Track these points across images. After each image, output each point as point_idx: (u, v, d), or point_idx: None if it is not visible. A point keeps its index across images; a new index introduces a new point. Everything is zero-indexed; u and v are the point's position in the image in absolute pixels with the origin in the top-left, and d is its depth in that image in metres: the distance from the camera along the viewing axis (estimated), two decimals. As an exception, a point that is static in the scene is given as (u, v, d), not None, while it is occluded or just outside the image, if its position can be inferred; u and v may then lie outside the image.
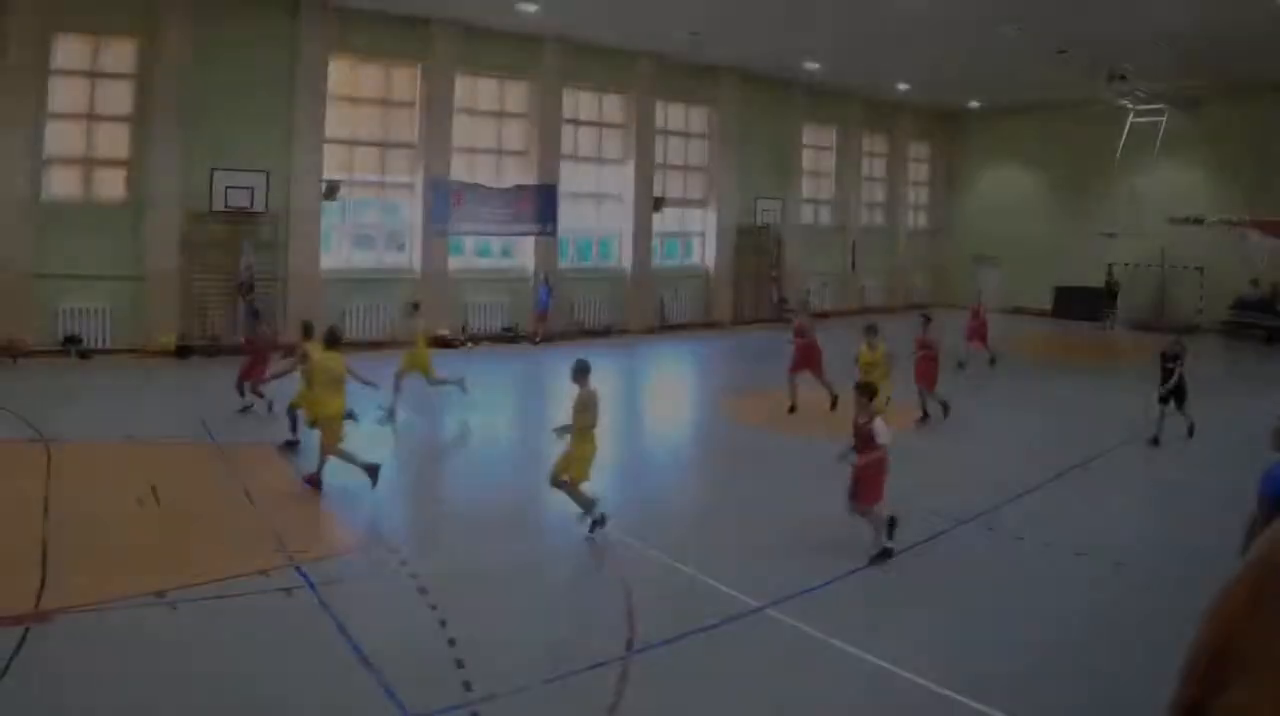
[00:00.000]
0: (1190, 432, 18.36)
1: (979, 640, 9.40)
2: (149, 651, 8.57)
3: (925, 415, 19.67)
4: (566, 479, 12.17)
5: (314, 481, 13.63)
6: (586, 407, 12.13)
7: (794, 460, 16.39)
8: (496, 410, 21.38)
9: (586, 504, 12.25)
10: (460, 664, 8.50)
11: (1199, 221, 36.90)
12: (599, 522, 12.18)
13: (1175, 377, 17.87)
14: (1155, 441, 17.93)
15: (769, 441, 17.98)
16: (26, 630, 8.63)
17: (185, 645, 8.74)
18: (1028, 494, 14.63)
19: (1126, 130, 37.68)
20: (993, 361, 27.38)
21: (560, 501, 12.61)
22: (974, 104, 44.90)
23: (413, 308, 21.19)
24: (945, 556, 11.91)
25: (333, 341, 14.45)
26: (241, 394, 18.42)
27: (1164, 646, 3.99)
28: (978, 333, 27.61)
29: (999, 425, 20.42)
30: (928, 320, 20.28)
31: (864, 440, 11.54)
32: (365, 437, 15.99)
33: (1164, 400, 18.06)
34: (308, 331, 16.60)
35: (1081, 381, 26.70)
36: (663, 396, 25.07)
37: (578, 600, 10.74)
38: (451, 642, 8.91)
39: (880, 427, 11.45)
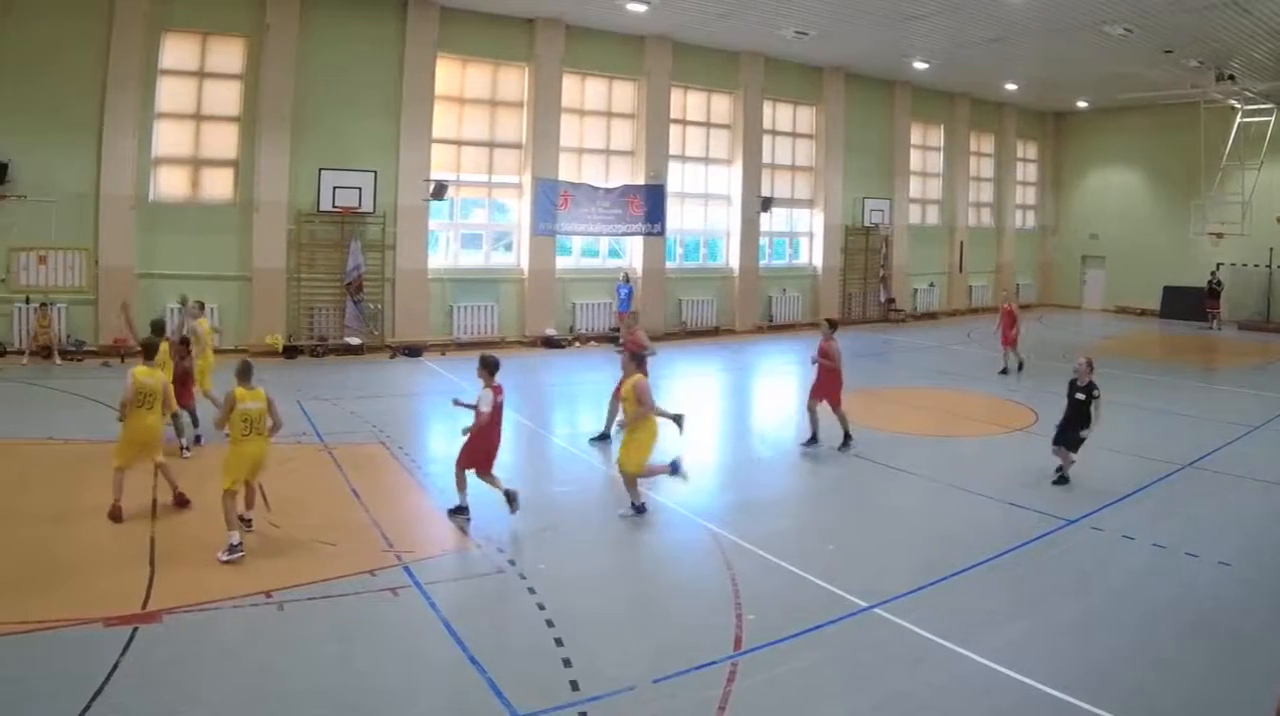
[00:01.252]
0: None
1: (1089, 641, 8.76)
2: (256, 651, 8.10)
3: (813, 438, 15.92)
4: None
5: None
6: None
7: (900, 459, 15.47)
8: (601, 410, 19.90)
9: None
10: (568, 663, 8.01)
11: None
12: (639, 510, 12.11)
13: (1090, 412, 13.80)
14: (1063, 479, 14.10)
15: (874, 440, 16.56)
16: (135, 630, 8.20)
17: (292, 645, 8.27)
18: (1135, 494, 13.63)
19: (1234, 130, 34.74)
20: (1020, 366, 24.27)
21: (667, 499, 12.58)
22: (1081, 104, 41.78)
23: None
24: (1054, 557, 11.13)
25: None
26: None
27: (1272, 648, 4.52)
28: (1009, 333, 24.38)
29: (1104, 425, 18.09)
30: (833, 326, 16.41)
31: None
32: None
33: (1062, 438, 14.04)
34: None
35: (1186, 381, 24.94)
36: (767, 396, 23.33)
37: (686, 599, 9.83)
38: (559, 642, 8.40)
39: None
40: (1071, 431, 13.82)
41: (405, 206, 25.44)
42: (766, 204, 32.93)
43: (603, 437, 16.15)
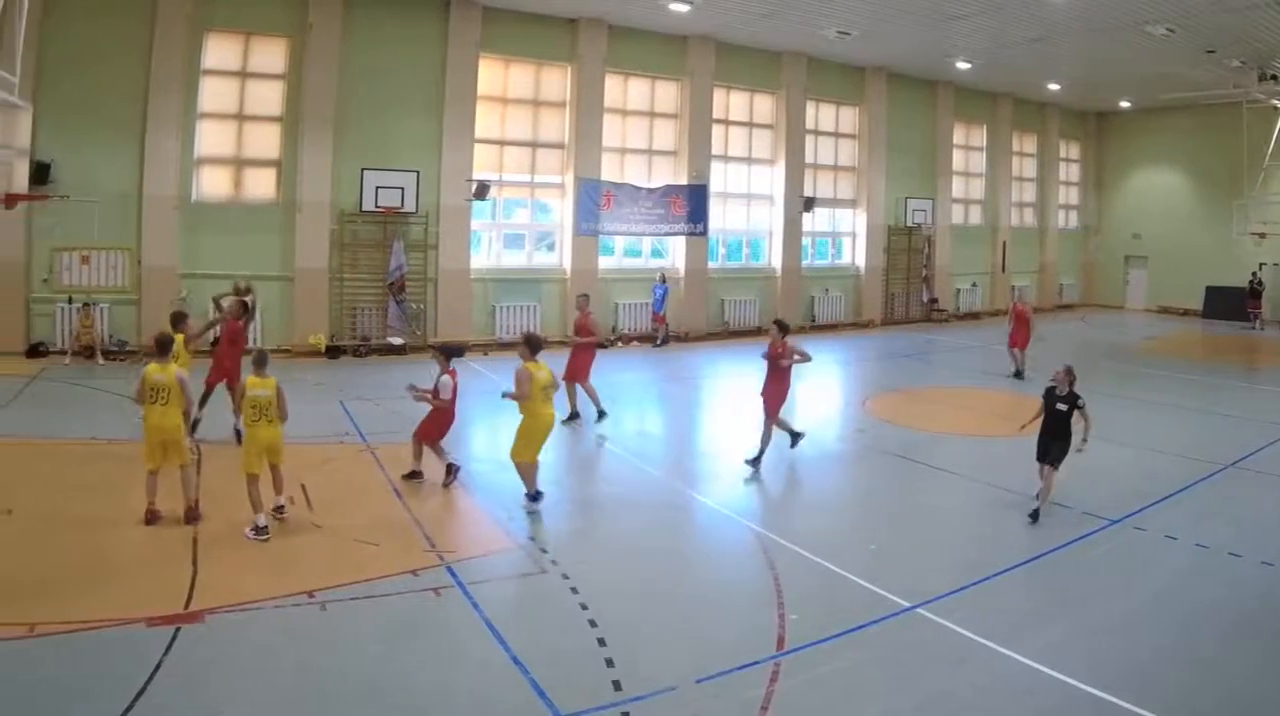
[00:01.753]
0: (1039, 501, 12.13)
1: (1132, 641, 8.52)
2: (298, 651, 7.87)
3: (759, 455, 14.08)
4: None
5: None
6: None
7: (942, 459, 14.99)
8: (647, 410, 19.46)
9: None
10: (610, 663, 7.81)
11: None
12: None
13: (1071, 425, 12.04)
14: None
15: (916, 440, 16.29)
16: (177, 630, 7.99)
17: (334, 645, 8.02)
18: (1178, 494, 13.21)
19: (1277, 130, 33.25)
20: (1018, 374, 22.38)
21: (709, 499, 12.44)
22: (1124, 104, 40.07)
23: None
24: (1097, 556, 10.80)
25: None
26: None
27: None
28: (1018, 335, 22.59)
29: (1146, 425, 18.05)
30: (783, 329, 14.47)
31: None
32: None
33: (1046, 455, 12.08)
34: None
35: (1229, 381, 24.02)
36: (809, 395, 21.67)
37: (728, 599, 9.46)
38: (602, 642, 8.17)
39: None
40: (1056, 445, 11.91)
41: (448, 206, 24.51)
42: (809, 204, 31.69)
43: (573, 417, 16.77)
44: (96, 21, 20.55)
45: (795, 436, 14.64)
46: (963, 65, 31.84)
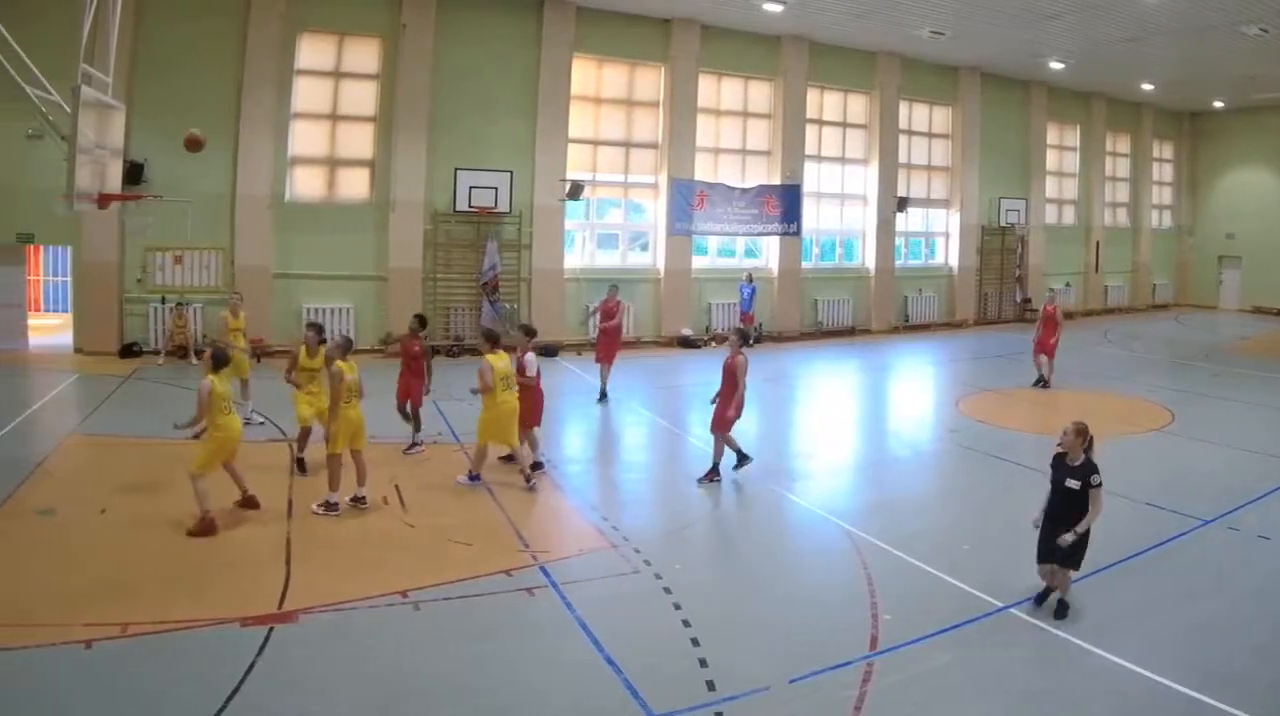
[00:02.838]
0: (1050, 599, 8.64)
1: (1225, 641, 7.80)
2: (392, 651, 7.30)
3: (729, 464, 12.32)
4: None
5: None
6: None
7: (1034, 459, 13.22)
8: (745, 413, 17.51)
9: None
10: (704, 663, 7.22)
11: None
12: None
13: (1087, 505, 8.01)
14: None
15: (1009, 440, 15.12)
16: (271, 630, 7.46)
17: (428, 645, 7.47)
18: (1272, 494, 12.14)
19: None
20: (1042, 382, 19.30)
21: (802, 499, 11.74)
22: (1217, 104, 36.26)
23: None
24: (1189, 557, 9.96)
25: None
26: None
27: None
28: (1046, 342, 19.23)
29: (1240, 425, 16.76)
30: (745, 339, 12.74)
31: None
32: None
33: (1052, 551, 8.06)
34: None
35: None
36: (903, 395, 20.95)
37: (822, 599, 8.81)
38: (695, 642, 7.58)
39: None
40: (1063, 535, 7.92)
41: (541, 206, 22.40)
42: (902, 204, 28.82)
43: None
44: (189, 21, 18.97)
45: (742, 458, 12.37)
46: (1056, 65, 28.84)
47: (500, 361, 11.57)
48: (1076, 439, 8.07)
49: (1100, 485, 7.93)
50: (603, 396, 16.99)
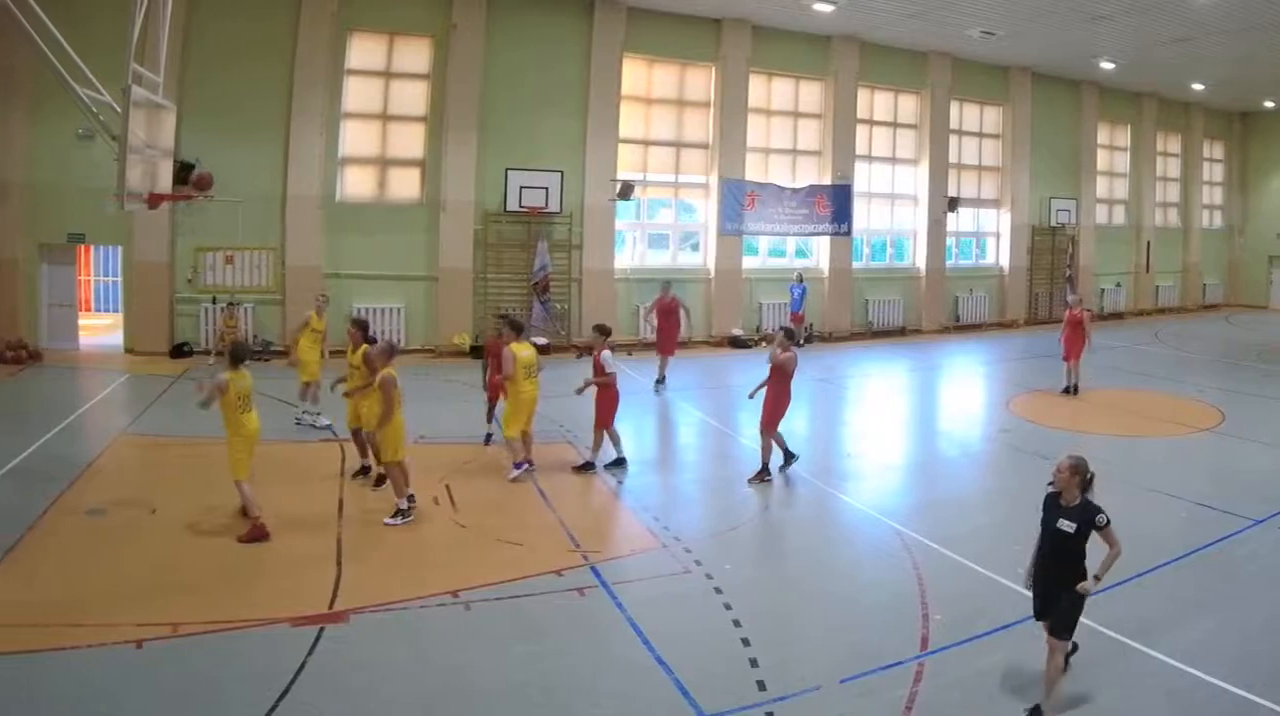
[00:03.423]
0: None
1: (1277, 641, 7.36)
2: (442, 650, 7.05)
3: (777, 465, 11.92)
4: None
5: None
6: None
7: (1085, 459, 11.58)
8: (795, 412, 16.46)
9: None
10: (754, 663, 6.87)
11: None
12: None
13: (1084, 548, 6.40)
14: None
15: (1058, 440, 14.12)
16: (321, 629, 7.18)
17: (479, 644, 7.15)
18: None
19: None
20: (1071, 389, 17.75)
21: (854, 500, 11.22)
22: (1268, 104, 34.28)
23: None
24: (1241, 557, 9.41)
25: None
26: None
27: None
28: (1073, 346, 17.71)
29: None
30: (790, 337, 12.21)
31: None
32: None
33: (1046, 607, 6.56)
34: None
35: None
36: (953, 395, 20.03)
37: (873, 599, 8.33)
38: (746, 642, 7.22)
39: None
40: (1061, 591, 6.34)
41: (592, 206, 21.27)
42: (953, 204, 27.31)
43: None
44: (240, 21, 18.09)
45: (789, 457, 12.05)
46: (1107, 65, 27.22)
47: (524, 351, 11.35)
48: (1072, 477, 6.39)
49: (1109, 524, 6.25)
50: (661, 380, 17.20)
